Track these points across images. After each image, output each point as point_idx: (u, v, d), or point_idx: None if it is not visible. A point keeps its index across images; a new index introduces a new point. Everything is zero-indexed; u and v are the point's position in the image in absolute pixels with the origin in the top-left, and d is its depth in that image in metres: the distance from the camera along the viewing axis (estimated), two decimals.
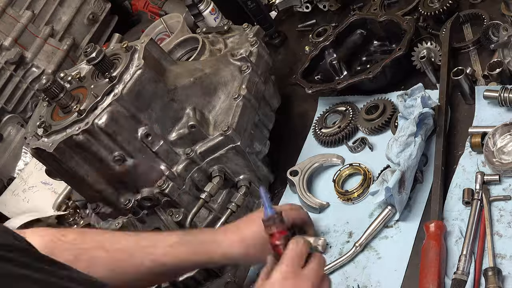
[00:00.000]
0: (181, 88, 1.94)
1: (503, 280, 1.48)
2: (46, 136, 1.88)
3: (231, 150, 1.94)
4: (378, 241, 1.76)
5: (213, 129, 1.96)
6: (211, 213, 1.99)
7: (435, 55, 2.03)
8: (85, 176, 1.90)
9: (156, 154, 1.89)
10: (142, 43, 1.93)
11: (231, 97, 2.01)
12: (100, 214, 2.05)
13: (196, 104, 1.97)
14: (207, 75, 2.02)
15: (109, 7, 3.37)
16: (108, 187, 1.94)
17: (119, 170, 1.87)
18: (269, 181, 2.12)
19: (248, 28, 2.27)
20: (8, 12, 2.98)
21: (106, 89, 1.82)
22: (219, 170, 1.96)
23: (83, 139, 1.81)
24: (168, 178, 1.91)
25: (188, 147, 1.93)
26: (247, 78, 2.06)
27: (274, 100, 2.25)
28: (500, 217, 1.61)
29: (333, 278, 1.76)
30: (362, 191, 1.89)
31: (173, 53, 2.41)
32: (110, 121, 1.80)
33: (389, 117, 2.00)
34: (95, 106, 1.82)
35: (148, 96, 1.86)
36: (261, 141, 2.10)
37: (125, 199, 1.95)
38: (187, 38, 2.43)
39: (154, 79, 1.87)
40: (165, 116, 1.90)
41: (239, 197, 1.95)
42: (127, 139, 1.84)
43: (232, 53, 2.15)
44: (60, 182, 2.57)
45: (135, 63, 1.87)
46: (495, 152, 1.69)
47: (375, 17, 2.21)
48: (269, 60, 2.23)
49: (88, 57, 1.85)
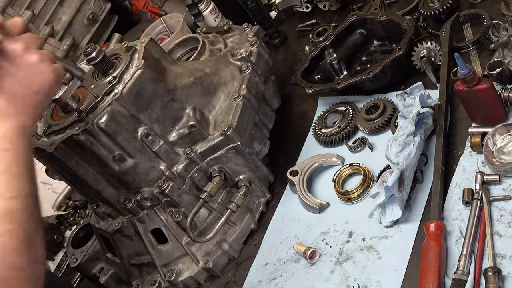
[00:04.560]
0: (181, 88, 1.94)
1: (503, 280, 1.48)
2: (46, 136, 1.88)
3: (231, 150, 1.94)
4: (378, 241, 1.76)
5: (213, 129, 1.96)
6: (211, 213, 1.99)
7: (435, 55, 2.03)
8: (85, 176, 1.91)
9: (156, 154, 1.89)
10: (142, 43, 1.93)
11: (231, 97, 2.02)
12: (100, 214, 2.05)
13: (196, 104, 1.97)
14: (207, 75, 2.02)
15: (109, 7, 3.37)
16: (108, 187, 1.94)
17: (119, 170, 1.88)
18: (269, 181, 2.12)
19: (248, 28, 2.27)
20: (8, 12, 2.98)
21: (106, 89, 1.82)
22: (219, 170, 1.96)
23: (83, 139, 1.81)
24: (168, 178, 1.91)
25: (188, 147, 1.94)
26: (247, 78, 2.06)
27: (274, 100, 2.25)
28: (500, 217, 1.61)
29: (333, 277, 1.76)
30: (362, 191, 1.89)
31: (173, 53, 2.41)
32: (110, 121, 1.80)
33: (389, 117, 2.00)
34: (95, 106, 1.82)
35: (148, 96, 1.86)
36: (261, 141, 2.10)
37: (124, 199, 1.95)
38: (187, 38, 2.44)
39: (154, 79, 1.88)
40: (165, 116, 1.90)
41: (239, 197, 1.95)
42: (127, 139, 1.84)
43: (232, 53, 2.15)
44: (60, 182, 2.58)
45: (135, 63, 1.87)
46: (495, 152, 1.69)
47: (375, 17, 2.21)
48: (269, 60, 2.23)
49: (88, 57, 1.85)
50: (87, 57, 1.86)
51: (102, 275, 2.16)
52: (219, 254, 1.99)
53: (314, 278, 1.80)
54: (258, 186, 2.05)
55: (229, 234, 2.01)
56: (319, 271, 1.81)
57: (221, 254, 1.99)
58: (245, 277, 1.95)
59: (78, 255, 2.18)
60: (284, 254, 1.92)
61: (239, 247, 2.03)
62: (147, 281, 2.06)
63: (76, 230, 2.32)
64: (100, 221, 2.08)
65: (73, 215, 2.67)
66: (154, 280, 2.04)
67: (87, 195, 2.06)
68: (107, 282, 2.16)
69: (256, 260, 1.97)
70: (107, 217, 2.05)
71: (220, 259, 2.00)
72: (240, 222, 2.03)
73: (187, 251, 1.98)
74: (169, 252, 2.00)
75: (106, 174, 1.91)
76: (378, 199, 1.73)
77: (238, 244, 2.03)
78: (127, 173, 1.89)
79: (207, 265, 1.97)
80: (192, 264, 1.99)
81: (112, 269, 2.15)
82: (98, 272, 2.17)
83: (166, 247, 2.00)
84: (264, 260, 1.96)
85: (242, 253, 2.03)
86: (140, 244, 2.02)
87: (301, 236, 1.93)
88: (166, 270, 2.00)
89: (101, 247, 2.15)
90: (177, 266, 2.00)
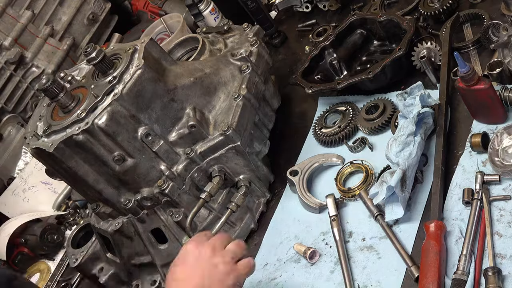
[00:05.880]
0: (181, 88, 1.94)
1: (503, 280, 1.48)
2: (46, 136, 1.88)
3: (231, 150, 1.94)
4: (378, 241, 1.76)
5: (213, 129, 1.96)
6: (211, 213, 1.99)
7: (435, 55, 2.03)
8: (85, 176, 1.90)
9: (156, 154, 1.89)
10: (142, 43, 1.93)
11: (231, 97, 2.01)
12: (100, 214, 2.05)
13: (196, 104, 1.97)
14: (207, 75, 2.02)
15: (109, 7, 3.37)
16: (108, 187, 1.94)
17: (119, 170, 1.87)
18: (269, 181, 2.12)
19: (248, 28, 2.27)
20: (8, 12, 2.98)
21: (106, 89, 1.82)
22: (219, 170, 1.96)
23: (83, 139, 1.81)
24: (168, 178, 1.91)
25: (188, 147, 1.93)
26: (247, 78, 2.06)
27: (274, 100, 2.25)
28: (500, 217, 1.61)
29: (333, 277, 1.76)
30: (365, 188, 1.88)
31: (173, 53, 2.41)
32: (110, 121, 1.80)
33: (389, 117, 2.00)
34: (95, 106, 1.82)
35: (148, 96, 1.86)
36: (261, 141, 2.10)
37: (125, 199, 1.95)
38: (187, 38, 2.43)
39: (154, 79, 1.87)
40: (165, 116, 1.90)
41: (239, 197, 1.95)
42: (127, 139, 1.84)
43: (232, 53, 2.15)
44: (60, 182, 2.58)
45: (135, 63, 1.87)
46: (500, 151, 1.68)
47: (375, 17, 2.21)
48: (269, 60, 2.23)
49: (88, 57, 1.85)
50: (87, 57, 1.85)
51: (102, 275, 2.16)
52: None
53: (314, 278, 1.80)
54: (258, 186, 2.05)
55: (229, 234, 2.00)
56: (319, 271, 1.81)
57: None
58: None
59: (78, 255, 2.17)
60: (284, 254, 1.92)
61: None
62: (147, 281, 2.07)
63: (76, 230, 2.32)
64: (100, 221, 2.08)
65: (73, 215, 2.67)
66: (154, 280, 2.05)
67: (87, 195, 2.06)
68: (107, 282, 2.16)
69: (256, 260, 1.96)
70: (107, 217, 2.05)
71: None
72: (240, 222, 2.03)
73: None
74: (169, 252, 1.99)
75: (106, 174, 1.90)
76: (378, 199, 1.74)
77: None
78: (127, 173, 1.89)
79: None
80: None
81: (112, 269, 2.15)
82: (98, 272, 2.17)
83: (166, 247, 2.00)
84: (264, 260, 1.96)
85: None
86: (140, 244, 2.02)
87: (301, 236, 1.93)
88: (166, 270, 2.00)
89: (101, 247, 2.15)
90: None
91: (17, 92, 3.06)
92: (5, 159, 2.98)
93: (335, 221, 1.85)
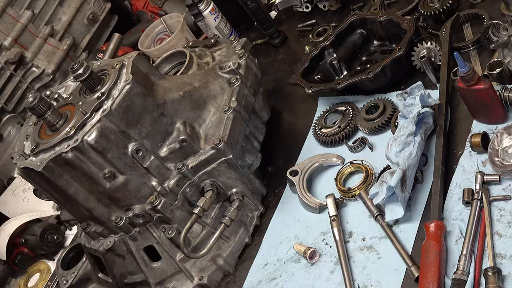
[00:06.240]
0: (170, 102, 1.90)
1: (503, 280, 1.48)
2: (34, 155, 1.82)
3: (223, 163, 1.91)
4: (378, 241, 1.76)
5: (204, 143, 1.93)
6: (205, 228, 1.97)
7: (435, 55, 2.03)
8: (75, 195, 1.86)
9: (147, 170, 1.86)
10: (129, 58, 1.89)
11: (221, 110, 1.98)
12: (91, 233, 2.00)
13: (186, 118, 1.93)
14: (196, 88, 1.99)
15: (109, 7, 3.37)
16: (98, 205, 1.89)
17: (110, 187, 1.84)
18: (262, 194, 2.10)
19: (236, 40, 2.25)
20: (8, 12, 2.98)
21: (94, 105, 1.78)
22: (211, 184, 1.93)
23: (72, 156, 1.76)
24: (160, 194, 1.88)
25: (179, 162, 1.90)
26: (237, 91, 2.04)
27: (264, 112, 2.23)
28: (500, 217, 1.61)
29: (333, 277, 1.76)
30: (365, 188, 1.88)
31: (160, 67, 2.37)
32: (100, 138, 1.76)
33: (389, 117, 2.00)
34: (84, 123, 1.77)
35: (138, 111, 1.82)
36: (252, 153, 2.07)
37: (116, 217, 1.91)
38: (174, 52, 2.38)
39: (143, 93, 1.84)
40: (155, 131, 1.87)
41: (233, 211, 1.92)
42: (117, 155, 1.80)
43: (220, 66, 2.12)
44: None
45: (124, 78, 1.83)
46: (500, 151, 1.68)
47: (375, 17, 2.21)
48: (258, 72, 2.20)
49: (75, 74, 1.80)
50: (74, 74, 1.81)
51: None
52: (214, 270, 1.96)
53: (314, 278, 1.80)
54: (251, 199, 2.02)
55: (224, 249, 1.99)
56: (319, 271, 1.81)
57: (216, 269, 1.97)
58: (245, 277, 1.95)
59: (68, 276, 2.12)
60: (284, 254, 1.92)
61: (234, 261, 2.00)
62: None
63: (65, 251, 2.27)
64: (91, 240, 2.03)
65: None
66: None
67: (77, 214, 2.00)
68: None
69: (256, 260, 1.97)
70: (98, 236, 2.00)
71: (215, 275, 1.97)
72: (234, 237, 2.01)
73: (181, 267, 1.96)
74: (163, 269, 1.97)
75: (96, 192, 1.86)
76: (377, 199, 1.74)
77: (233, 258, 2.00)
78: (118, 190, 1.85)
79: (202, 281, 1.94)
80: (187, 280, 1.96)
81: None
82: None
83: (160, 264, 1.97)
84: (264, 260, 1.96)
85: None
86: (132, 262, 1.99)
87: (301, 236, 1.93)
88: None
89: (92, 267, 2.10)
90: (171, 283, 1.98)
91: (17, 92, 3.06)
92: (5, 159, 2.98)
93: (335, 221, 1.85)
